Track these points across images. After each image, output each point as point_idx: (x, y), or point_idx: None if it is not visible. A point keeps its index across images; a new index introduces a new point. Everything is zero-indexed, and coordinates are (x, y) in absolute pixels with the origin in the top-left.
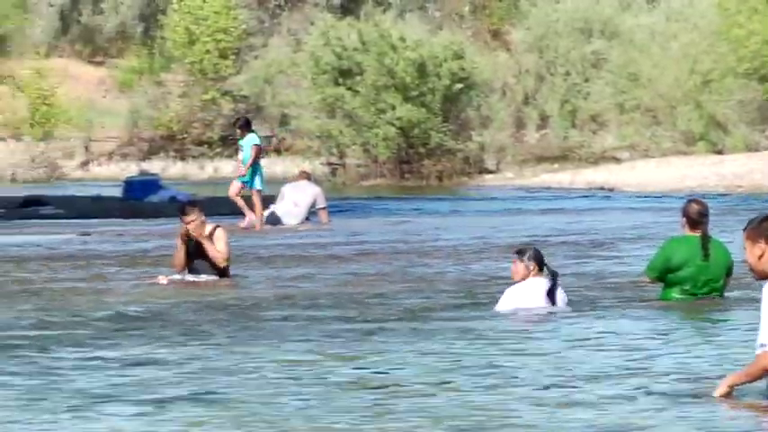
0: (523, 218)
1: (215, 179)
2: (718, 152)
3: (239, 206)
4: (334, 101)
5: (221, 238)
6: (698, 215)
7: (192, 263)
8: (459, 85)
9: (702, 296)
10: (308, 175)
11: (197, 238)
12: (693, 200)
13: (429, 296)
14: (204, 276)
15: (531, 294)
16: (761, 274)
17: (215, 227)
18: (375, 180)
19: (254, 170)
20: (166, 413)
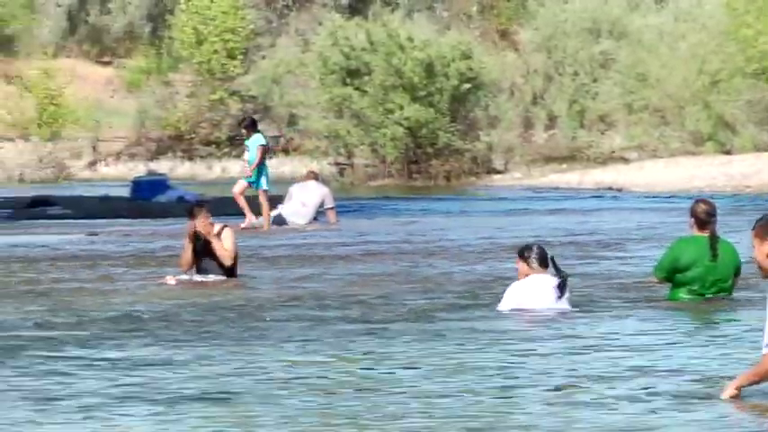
0: (530, 218)
1: (223, 179)
2: (727, 152)
3: (241, 205)
4: (342, 101)
5: (229, 237)
6: (706, 215)
7: (201, 262)
8: (467, 85)
9: (710, 296)
10: (315, 176)
11: (205, 237)
12: (701, 200)
13: (435, 297)
14: (212, 276)
15: (534, 291)
16: None
17: (223, 226)
18: (383, 180)
19: (259, 170)
20: (175, 413)
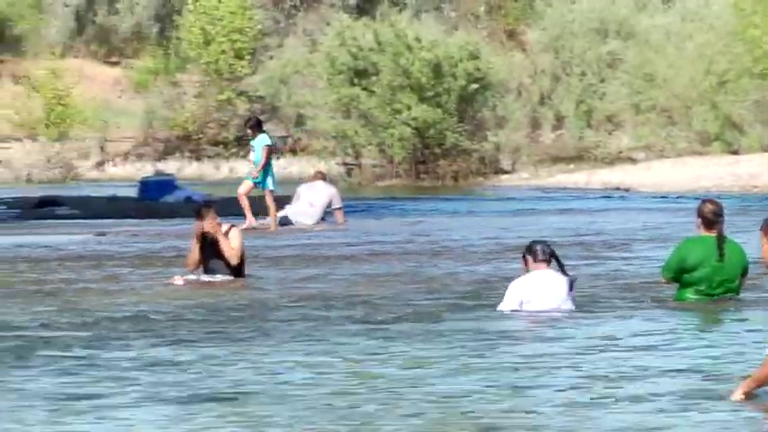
0: (537, 218)
1: (230, 179)
2: (734, 152)
3: (243, 206)
4: (350, 101)
5: (236, 237)
6: (713, 215)
7: (208, 263)
8: (475, 86)
9: (718, 297)
10: (323, 176)
11: (212, 236)
12: (708, 200)
13: (441, 297)
14: (220, 276)
15: (537, 286)
16: None
17: (230, 226)
18: (390, 180)
19: (265, 171)
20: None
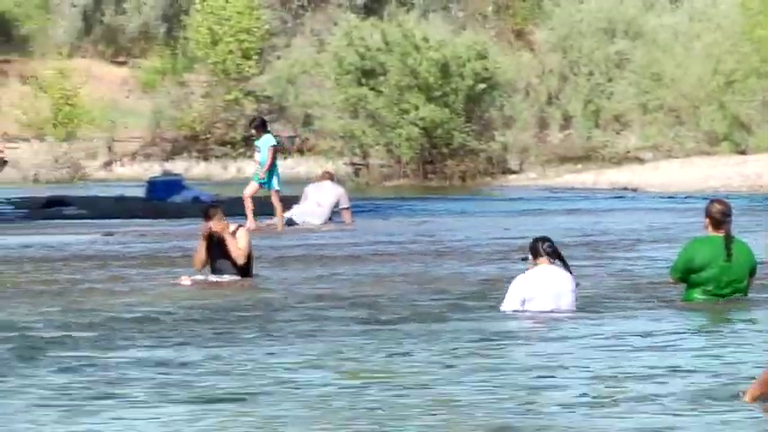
0: (544, 218)
1: (238, 179)
2: (742, 152)
3: (246, 207)
4: (358, 101)
5: (243, 237)
6: (721, 215)
7: (216, 263)
8: (483, 86)
9: (726, 297)
10: (331, 176)
11: (219, 235)
12: (716, 200)
13: (447, 297)
14: (227, 276)
15: (541, 282)
16: None
17: (237, 226)
18: (398, 180)
19: (270, 171)
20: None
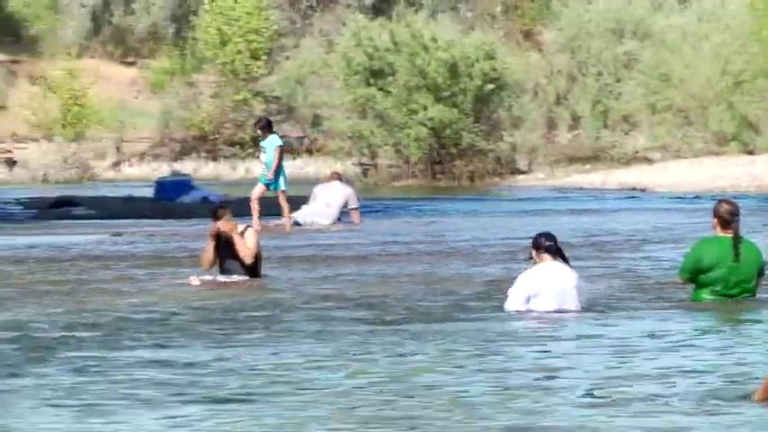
0: (552, 219)
1: (247, 179)
2: (750, 152)
3: (252, 209)
4: (366, 101)
5: (251, 237)
6: (729, 214)
7: (224, 263)
8: (491, 86)
9: (734, 297)
10: (339, 176)
11: (227, 235)
12: (724, 200)
13: (454, 298)
14: (236, 276)
15: (546, 278)
16: None
17: (246, 227)
18: (407, 181)
19: (276, 171)
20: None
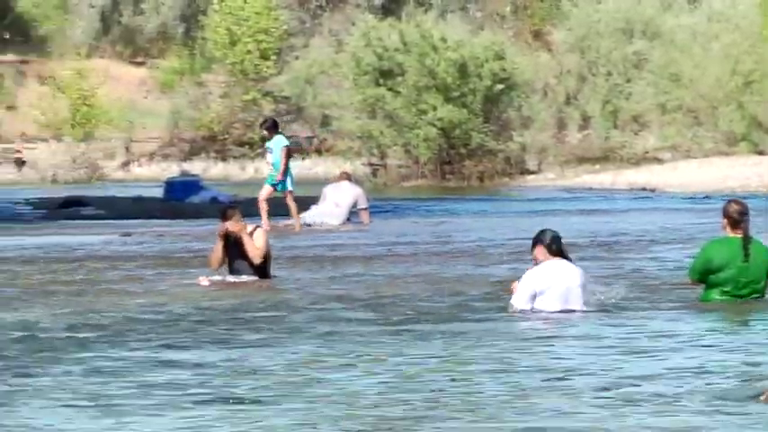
0: (561, 219)
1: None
2: (760, 153)
3: (260, 209)
4: (375, 101)
5: (260, 237)
6: (738, 214)
7: (233, 263)
8: (501, 86)
9: (744, 298)
10: (348, 176)
11: (236, 235)
12: (733, 200)
13: (463, 299)
14: (245, 277)
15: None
16: None
17: (255, 227)
18: (416, 181)
19: (284, 172)
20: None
